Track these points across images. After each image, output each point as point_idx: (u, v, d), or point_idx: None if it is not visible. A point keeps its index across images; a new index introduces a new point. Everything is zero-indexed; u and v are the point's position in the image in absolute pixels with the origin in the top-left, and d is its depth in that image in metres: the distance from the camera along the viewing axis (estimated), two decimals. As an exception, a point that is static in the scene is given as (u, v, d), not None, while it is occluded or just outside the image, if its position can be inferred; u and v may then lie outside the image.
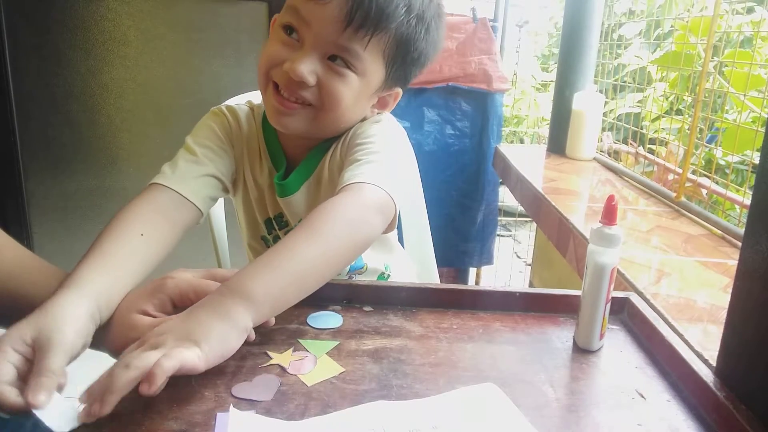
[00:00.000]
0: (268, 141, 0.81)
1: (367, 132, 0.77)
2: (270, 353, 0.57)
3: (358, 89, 0.72)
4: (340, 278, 0.83)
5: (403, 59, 0.73)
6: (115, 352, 0.55)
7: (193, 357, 0.48)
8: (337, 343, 0.60)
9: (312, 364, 0.56)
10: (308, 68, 0.68)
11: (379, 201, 0.66)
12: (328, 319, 0.65)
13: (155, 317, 0.57)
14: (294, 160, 0.81)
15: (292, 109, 0.71)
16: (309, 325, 0.63)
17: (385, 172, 0.70)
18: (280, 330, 0.62)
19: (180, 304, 0.58)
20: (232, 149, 0.81)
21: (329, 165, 0.79)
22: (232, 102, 0.87)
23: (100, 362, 0.54)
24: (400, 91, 0.79)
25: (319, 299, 0.67)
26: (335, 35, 0.67)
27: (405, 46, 0.72)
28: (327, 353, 0.58)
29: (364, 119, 0.80)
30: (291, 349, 0.58)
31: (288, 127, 0.73)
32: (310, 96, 0.70)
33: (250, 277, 0.55)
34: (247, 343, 0.57)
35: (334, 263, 0.61)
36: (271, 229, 0.86)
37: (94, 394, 0.47)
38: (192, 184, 0.74)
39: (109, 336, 0.56)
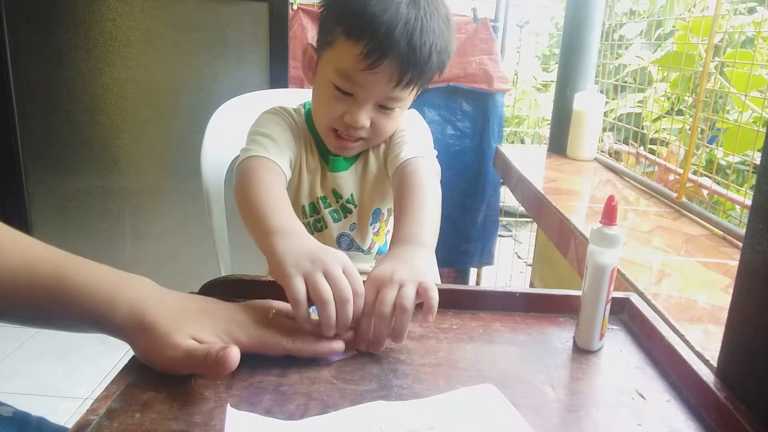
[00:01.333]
0: (315, 135, 0.92)
1: (401, 124, 0.92)
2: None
3: (400, 114, 0.87)
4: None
5: (429, 80, 0.84)
6: (151, 356, 0.53)
7: (435, 287, 0.58)
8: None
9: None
10: (365, 117, 0.81)
11: (435, 169, 0.88)
12: None
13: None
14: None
15: (351, 146, 0.86)
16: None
17: (429, 145, 0.92)
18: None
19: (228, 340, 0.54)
20: (293, 140, 0.88)
21: (373, 151, 0.93)
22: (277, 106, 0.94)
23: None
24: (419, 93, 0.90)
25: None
26: (387, 91, 0.79)
27: (429, 77, 0.83)
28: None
29: None
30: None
31: (347, 154, 0.90)
32: (365, 133, 0.84)
33: (417, 228, 0.70)
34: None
35: (438, 217, 0.79)
36: (313, 212, 0.93)
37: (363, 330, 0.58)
38: (282, 159, 0.83)
39: (152, 339, 0.52)
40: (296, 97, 1.08)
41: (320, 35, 0.84)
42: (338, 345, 0.56)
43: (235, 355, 0.49)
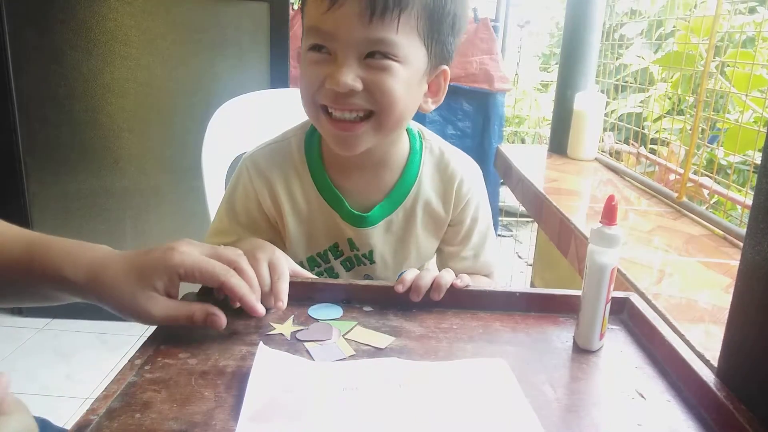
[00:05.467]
0: (315, 175, 0.80)
1: (474, 191, 0.83)
2: (273, 323, 0.63)
3: (406, 78, 0.68)
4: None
5: (438, 30, 0.69)
6: (133, 318, 0.57)
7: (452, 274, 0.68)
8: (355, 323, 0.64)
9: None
10: (350, 75, 0.65)
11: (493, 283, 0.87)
12: (329, 310, 0.66)
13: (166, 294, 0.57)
14: (344, 189, 0.80)
15: (353, 130, 0.69)
16: (311, 317, 0.64)
17: (496, 244, 0.88)
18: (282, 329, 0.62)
19: (183, 280, 0.58)
20: (266, 215, 0.82)
21: (423, 204, 0.82)
22: (255, 150, 0.83)
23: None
24: (446, 68, 0.75)
25: (319, 299, 0.68)
26: (363, 31, 0.64)
27: (436, 15, 0.68)
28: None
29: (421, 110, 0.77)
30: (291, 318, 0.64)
31: (355, 146, 0.71)
32: (363, 101, 0.68)
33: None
34: (247, 342, 0.59)
35: None
36: (314, 266, 0.85)
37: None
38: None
39: (119, 298, 0.56)
40: (297, 97, 1.07)
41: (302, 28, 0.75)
42: (261, 308, 0.59)
43: (223, 320, 0.58)
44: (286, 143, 0.82)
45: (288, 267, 0.67)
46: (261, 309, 0.59)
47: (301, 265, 0.82)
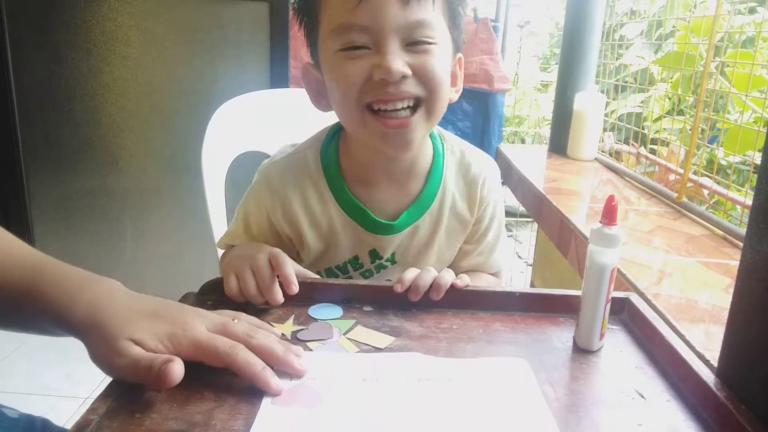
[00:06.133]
0: (334, 188, 0.77)
1: (494, 190, 0.83)
2: (273, 323, 0.62)
3: (444, 59, 0.68)
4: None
5: (456, 12, 0.70)
6: (98, 361, 0.50)
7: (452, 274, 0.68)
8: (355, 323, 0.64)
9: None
10: (399, 61, 0.63)
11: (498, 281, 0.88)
12: (329, 310, 0.66)
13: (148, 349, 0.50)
14: (368, 199, 0.78)
15: (407, 125, 0.67)
16: (311, 317, 0.65)
17: (505, 248, 0.88)
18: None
19: (178, 354, 0.50)
20: (281, 231, 0.80)
21: (449, 208, 0.81)
22: (270, 164, 0.81)
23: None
24: (461, 56, 0.75)
25: (319, 299, 0.68)
26: (402, 15, 0.63)
27: None
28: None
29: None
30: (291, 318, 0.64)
31: (412, 142, 0.69)
32: (413, 88, 0.65)
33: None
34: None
35: None
36: (338, 274, 0.83)
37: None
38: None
39: (98, 341, 0.50)
40: (297, 97, 1.07)
41: (308, 39, 0.73)
42: (277, 385, 0.50)
43: (177, 371, 0.47)
44: (301, 156, 0.79)
45: (287, 256, 0.68)
46: (275, 385, 0.50)
47: (319, 275, 0.81)
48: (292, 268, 0.66)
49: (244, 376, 0.51)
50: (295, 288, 0.64)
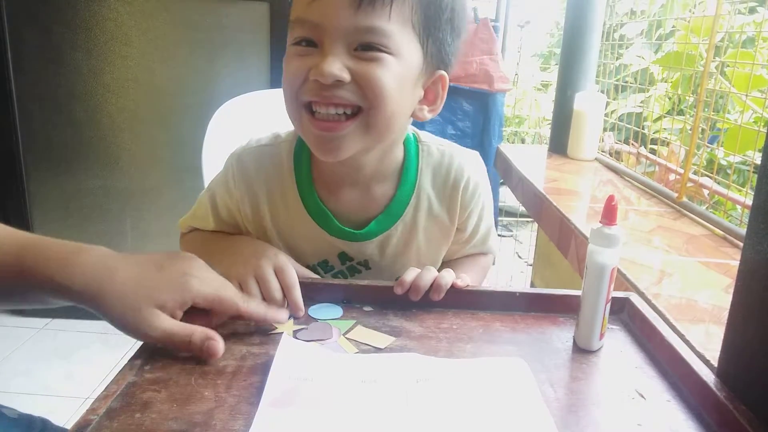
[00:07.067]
0: (302, 190, 0.75)
1: (480, 189, 0.79)
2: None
3: (399, 73, 0.63)
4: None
5: (435, 26, 0.65)
6: (127, 331, 0.54)
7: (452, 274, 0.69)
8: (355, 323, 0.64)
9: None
10: (336, 65, 0.60)
11: (490, 263, 0.91)
12: (329, 310, 0.66)
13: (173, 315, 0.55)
14: (334, 206, 0.76)
15: (337, 129, 0.63)
16: (311, 317, 0.65)
17: (494, 231, 0.87)
18: (281, 329, 0.62)
19: (198, 306, 0.56)
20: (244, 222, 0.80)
21: (425, 215, 0.77)
22: (245, 148, 0.79)
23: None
24: (444, 74, 0.70)
25: (319, 299, 0.68)
26: (351, 18, 0.60)
27: (432, 8, 0.64)
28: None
29: (415, 116, 0.71)
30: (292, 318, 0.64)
31: (339, 149, 0.65)
32: (350, 95, 0.62)
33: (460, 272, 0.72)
34: (247, 343, 0.59)
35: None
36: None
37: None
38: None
39: (122, 310, 0.53)
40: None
41: None
42: (282, 315, 0.61)
43: (220, 348, 0.54)
44: (276, 151, 0.77)
45: (294, 270, 0.67)
46: (283, 316, 0.62)
47: None
48: (299, 289, 0.65)
49: (256, 321, 0.61)
50: (302, 313, 0.64)
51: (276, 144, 0.78)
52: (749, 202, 0.93)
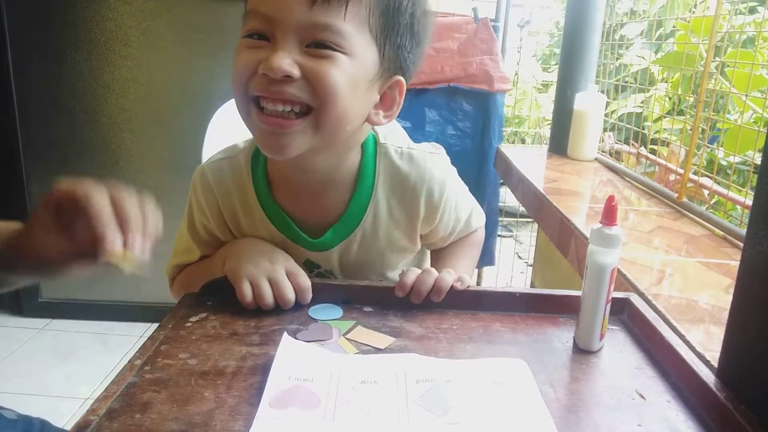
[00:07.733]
0: (261, 196, 0.74)
1: (447, 193, 0.76)
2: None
3: (352, 73, 0.61)
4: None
5: (393, 29, 0.64)
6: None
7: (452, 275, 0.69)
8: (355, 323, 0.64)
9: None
10: (286, 60, 0.58)
11: (481, 238, 0.92)
12: (329, 311, 0.67)
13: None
14: (294, 212, 0.75)
15: (284, 126, 0.61)
16: (311, 318, 0.65)
17: (477, 208, 0.87)
18: (280, 330, 0.62)
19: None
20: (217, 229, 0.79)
21: (385, 222, 0.75)
22: (205, 163, 0.79)
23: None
24: (402, 80, 0.68)
25: (319, 299, 0.68)
26: (305, 14, 0.59)
27: (391, 11, 0.63)
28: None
29: (372, 122, 0.69)
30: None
31: (286, 147, 0.63)
32: (299, 91, 0.60)
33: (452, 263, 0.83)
34: (247, 343, 0.59)
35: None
36: None
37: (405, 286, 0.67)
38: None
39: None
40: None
41: None
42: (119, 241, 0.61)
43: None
44: (235, 160, 0.76)
45: (306, 274, 0.69)
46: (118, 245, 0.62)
47: None
48: (310, 293, 0.68)
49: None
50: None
51: (234, 155, 0.77)
52: (749, 202, 0.93)
